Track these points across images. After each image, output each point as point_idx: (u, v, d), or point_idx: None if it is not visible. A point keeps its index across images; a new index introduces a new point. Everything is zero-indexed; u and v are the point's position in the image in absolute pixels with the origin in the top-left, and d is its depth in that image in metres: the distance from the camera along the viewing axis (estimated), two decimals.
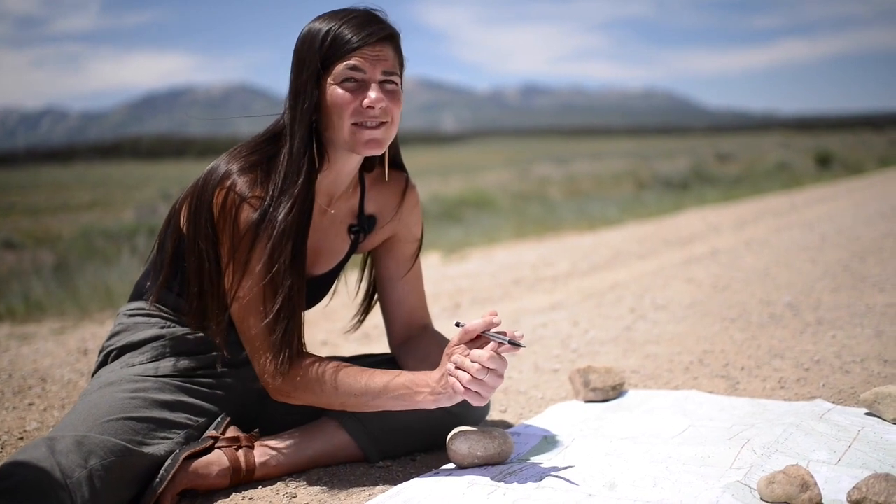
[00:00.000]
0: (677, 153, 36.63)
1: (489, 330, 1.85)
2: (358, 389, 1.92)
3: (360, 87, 1.92)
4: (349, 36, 1.90)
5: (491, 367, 1.81)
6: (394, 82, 1.96)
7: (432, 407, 1.91)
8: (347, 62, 1.90)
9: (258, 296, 1.92)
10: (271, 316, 1.91)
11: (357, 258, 2.32)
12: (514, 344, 1.82)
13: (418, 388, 1.89)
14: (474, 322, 1.86)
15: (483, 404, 1.89)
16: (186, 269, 2.03)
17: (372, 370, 1.95)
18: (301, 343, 1.98)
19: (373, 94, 1.91)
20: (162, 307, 2.13)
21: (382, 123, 1.95)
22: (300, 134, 1.93)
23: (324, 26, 1.93)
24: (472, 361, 1.82)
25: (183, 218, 2.04)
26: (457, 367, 1.84)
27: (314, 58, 1.91)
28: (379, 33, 1.93)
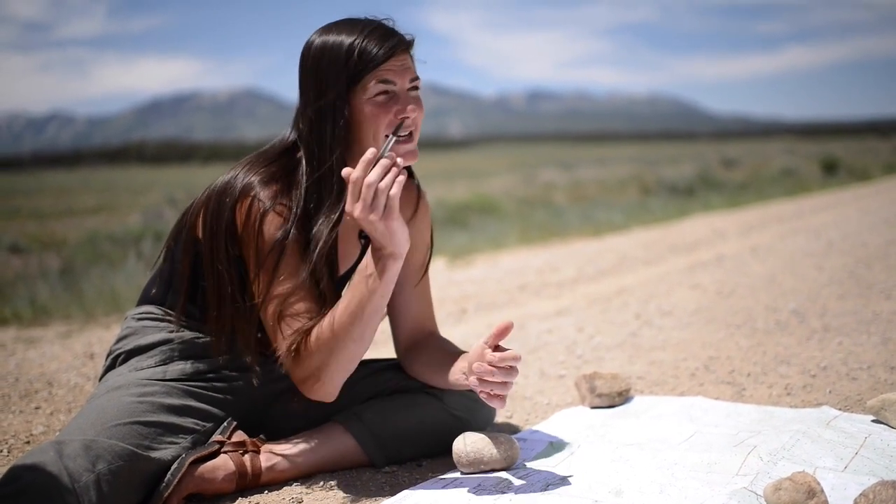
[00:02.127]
0: (682, 159, 36.62)
1: None
2: (347, 319, 1.85)
3: (390, 99, 1.93)
4: (375, 50, 1.90)
5: (507, 366, 1.81)
6: (417, 88, 1.98)
7: (398, 258, 1.81)
8: (379, 76, 1.91)
9: (291, 302, 1.92)
10: (297, 314, 1.91)
11: None
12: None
13: (375, 263, 1.82)
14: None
15: (503, 406, 1.88)
16: (206, 291, 2.03)
17: (342, 300, 1.88)
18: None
19: (409, 105, 1.93)
20: (170, 311, 2.13)
21: (411, 135, 1.97)
22: (336, 154, 1.93)
23: (344, 40, 1.92)
24: (491, 365, 1.81)
25: (199, 233, 2.03)
26: (477, 378, 1.83)
27: (341, 74, 1.91)
28: (403, 44, 1.95)
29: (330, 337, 1.87)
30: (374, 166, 1.76)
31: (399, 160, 1.79)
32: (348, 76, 1.90)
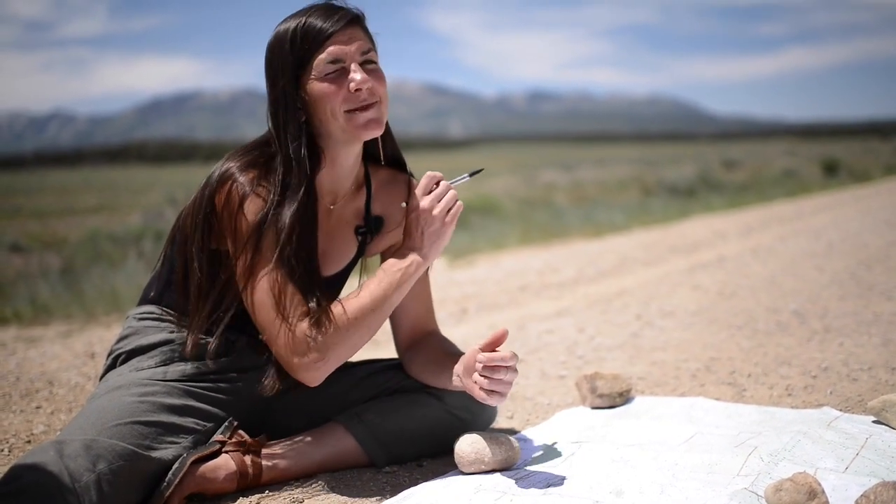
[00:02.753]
0: (683, 160, 36.61)
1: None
2: (370, 306, 1.94)
3: (341, 75, 1.93)
4: (318, 27, 1.91)
5: (509, 365, 1.86)
6: (372, 61, 1.97)
7: (427, 265, 1.98)
8: (323, 54, 1.91)
9: (276, 281, 1.92)
10: (296, 292, 1.92)
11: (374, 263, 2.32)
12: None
13: (406, 261, 1.96)
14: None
15: (503, 402, 1.89)
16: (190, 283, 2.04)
17: (362, 287, 1.98)
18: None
19: (357, 76, 1.91)
20: (170, 311, 2.13)
21: (373, 104, 1.95)
22: (291, 137, 1.94)
23: (289, 26, 1.94)
24: (489, 365, 1.87)
25: (187, 228, 2.04)
26: (476, 374, 1.89)
27: (287, 60, 1.92)
28: (346, 17, 1.94)
29: (349, 320, 1.93)
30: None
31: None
32: (295, 61, 1.92)
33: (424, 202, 1.96)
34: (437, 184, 1.98)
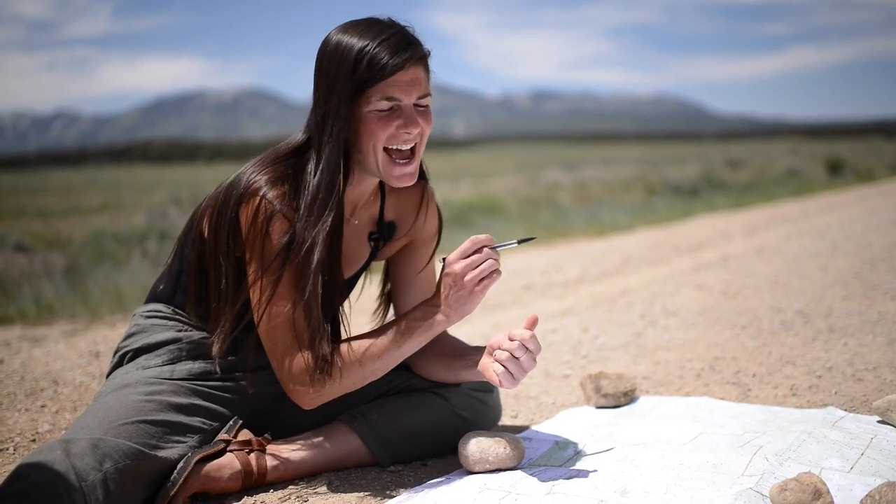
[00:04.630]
0: (687, 159, 36.59)
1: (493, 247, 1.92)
2: (377, 354, 1.94)
3: (393, 114, 1.90)
4: (384, 60, 1.86)
5: (529, 348, 1.90)
6: (426, 105, 1.96)
7: (447, 326, 1.94)
8: (383, 90, 1.87)
9: (290, 309, 1.91)
10: (308, 324, 1.91)
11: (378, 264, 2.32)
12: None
13: (427, 320, 1.93)
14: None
15: (514, 386, 1.90)
16: (210, 287, 2.04)
17: (376, 330, 1.97)
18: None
19: (409, 120, 1.90)
20: (179, 310, 2.13)
21: (413, 152, 1.95)
22: (330, 158, 1.90)
23: (356, 44, 1.88)
24: (511, 340, 1.92)
25: (205, 229, 2.03)
26: (497, 349, 1.92)
27: (347, 81, 1.87)
28: (414, 56, 1.90)
29: (352, 363, 1.93)
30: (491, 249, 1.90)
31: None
32: (354, 85, 1.87)
33: (457, 266, 1.87)
34: (481, 248, 1.88)
